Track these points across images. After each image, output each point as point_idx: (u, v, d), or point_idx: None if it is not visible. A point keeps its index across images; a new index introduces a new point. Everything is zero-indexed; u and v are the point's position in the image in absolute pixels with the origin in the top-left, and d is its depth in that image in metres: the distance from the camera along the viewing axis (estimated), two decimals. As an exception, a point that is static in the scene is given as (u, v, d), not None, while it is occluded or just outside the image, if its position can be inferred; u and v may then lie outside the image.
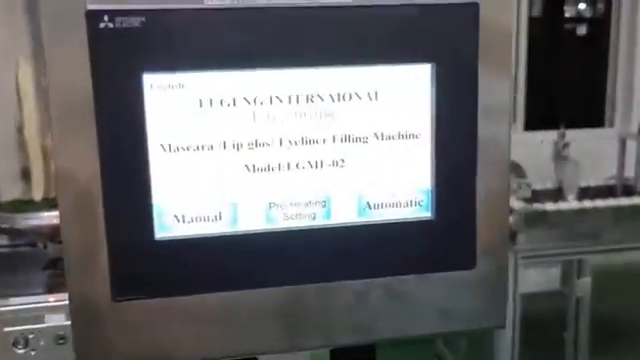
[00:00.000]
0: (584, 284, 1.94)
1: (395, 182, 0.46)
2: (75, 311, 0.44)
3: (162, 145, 0.43)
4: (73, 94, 0.42)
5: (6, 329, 0.71)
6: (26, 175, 0.73)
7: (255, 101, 0.44)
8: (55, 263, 0.82)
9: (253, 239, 0.45)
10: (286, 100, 0.44)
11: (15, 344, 0.71)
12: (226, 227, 0.44)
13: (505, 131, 0.47)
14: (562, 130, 2.17)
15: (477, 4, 0.45)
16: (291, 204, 0.45)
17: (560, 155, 2.18)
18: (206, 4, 0.42)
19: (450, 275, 0.47)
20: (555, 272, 1.95)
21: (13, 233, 0.80)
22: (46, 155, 0.73)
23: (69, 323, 0.73)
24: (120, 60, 0.42)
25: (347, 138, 0.45)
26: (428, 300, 0.47)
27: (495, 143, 0.47)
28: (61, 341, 0.72)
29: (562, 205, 2.01)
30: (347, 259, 0.46)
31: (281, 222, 0.45)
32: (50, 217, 0.76)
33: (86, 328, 0.44)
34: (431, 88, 0.45)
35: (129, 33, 0.41)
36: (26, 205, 0.75)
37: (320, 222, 0.45)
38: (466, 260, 0.47)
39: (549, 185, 2.19)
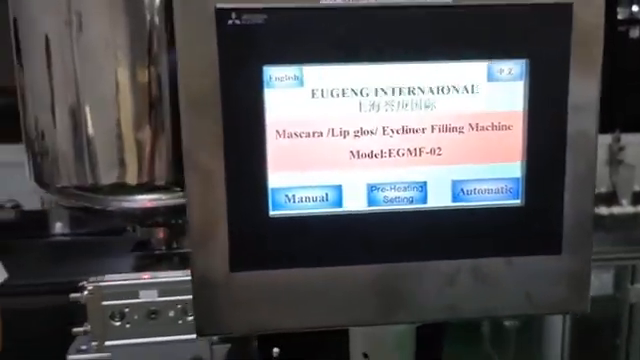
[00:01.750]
0: (638, 290, 1.91)
1: (487, 170, 0.49)
2: (197, 281, 0.48)
3: (277, 131, 0.47)
4: (201, 85, 0.47)
5: (104, 303, 0.76)
6: (122, 163, 0.79)
7: (362, 92, 0.48)
8: (144, 245, 0.88)
9: (355, 219, 0.49)
10: (390, 92, 0.48)
11: (112, 317, 0.77)
12: (331, 207, 0.48)
13: (592, 125, 0.50)
14: (617, 134, 2.15)
15: (571, 4, 0.48)
16: (391, 188, 0.49)
17: (615, 159, 2.16)
18: (321, 3, 0.46)
19: (536, 259, 0.50)
20: (608, 277, 1.94)
21: (107, 215, 0.87)
22: (139, 144, 0.78)
23: (161, 299, 0.78)
24: (244, 53, 0.46)
25: (444, 128, 0.49)
26: (514, 282, 0.51)
27: (583, 136, 0.50)
28: (153, 315, 0.77)
29: (616, 209, 1.99)
30: (440, 241, 0.50)
31: (381, 204, 0.49)
32: (142, 200, 0.81)
33: (206, 297, 0.49)
34: (525, 83, 0.48)
35: (253, 29, 0.45)
36: (121, 189, 0.80)
37: (416, 205, 0.49)
38: (552, 246, 0.50)
39: (603, 189, 2.18)
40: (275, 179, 0.48)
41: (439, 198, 0.49)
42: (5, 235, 2.15)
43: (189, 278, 0.77)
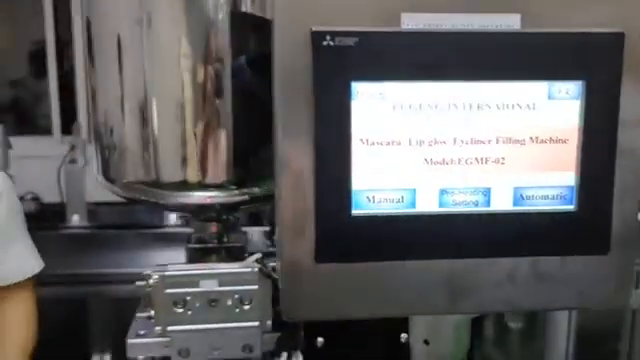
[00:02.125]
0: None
1: (545, 179, 0.55)
2: (285, 271, 0.54)
3: (361, 139, 0.53)
4: (295, 97, 0.53)
5: (167, 291, 0.82)
6: (185, 161, 0.85)
7: (436, 107, 0.54)
8: (198, 239, 0.94)
9: (427, 219, 0.55)
10: (461, 107, 0.54)
11: (175, 304, 0.83)
12: (406, 208, 0.55)
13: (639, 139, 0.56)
14: None
15: (622, 33, 0.54)
16: (459, 192, 0.55)
17: None
18: (403, 28, 0.52)
19: (587, 259, 0.56)
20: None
21: (167, 208, 0.93)
22: (201, 144, 0.84)
23: (221, 289, 0.84)
24: (335, 71, 0.52)
25: (508, 140, 0.55)
26: (566, 279, 0.57)
27: (631, 149, 0.56)
28: (213, 303, 0.83)
29: None
30: (501, 240, 0.56)
31: (450, 206, 0.55)
32: (199, 197, 0.87)
33: (293, 285, 0.55)
34: (581, 102, 0.54)
35: (344, 50, 0.51)
36: (181, 185, 0.86)
37: (481, 208, 0.55)
38: (601, 247, 0.56)
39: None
40: (358, 182, 0.54)
41: (501, 202, 0.55)
42: (24, 226, 2.18)
43: (247, 270, 0.84)
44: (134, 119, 0.85)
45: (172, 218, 2.86)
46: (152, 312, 0.85)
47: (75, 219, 2.84)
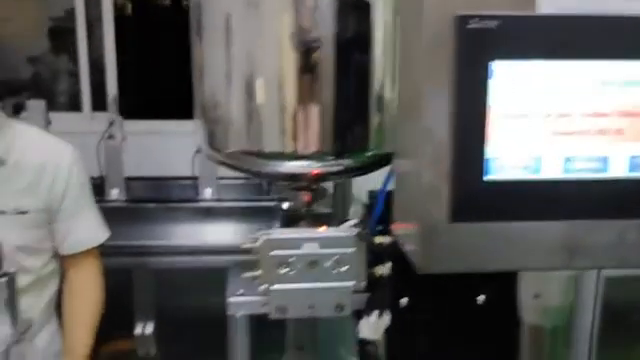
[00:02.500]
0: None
1: (659, 148, 0.62)
2: (422, 229, 0.61)
3: (496, 113, 0.60)
4: (438, 75, 0.59)
5: (273, 253, 0.90)
6: (285, 133, 0.91)
7: (565, 83, 0.60)
8: (290, 206, 1.01)
9: (551, 184, 0.61)
10: (588, 83, 0.60)
11: (279, 265, 0.90)
12: (533, 174, 0.61)
13: None
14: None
15: None
16: (581, 160, 0.61)
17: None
18: (538, 13, 0.58)
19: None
20: None
21: (266, 177, 1.00)
22: (301, 117, 0.90)
23: (321, 251, 0.91)
24: (476, 51, 0.58)
25: (628, 114, 0.61)
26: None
27: None
28: (313, 265, 0.90)
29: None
30: (616, 203, 0.62)
31: (573, 173, 0.61)
32: (297, 167, 0.94)
33: (429, 242, 0.62)
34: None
35: (485, 32, 0.57)
36: (281, 155, 0.93)
37: (600, 174, 0.62)
38: None
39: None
40: (491, 151, 0.60)
41: (618, 169, 0.62)
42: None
43: (346, 234, 0.91)
44: (239, 93, 0.91)
45: (207, 192, 2.94)
46: (256, 273, 0.92)
47: (114, 193, 2.92)
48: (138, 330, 2.53)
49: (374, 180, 0.99)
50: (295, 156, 0.93)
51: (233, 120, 0.93)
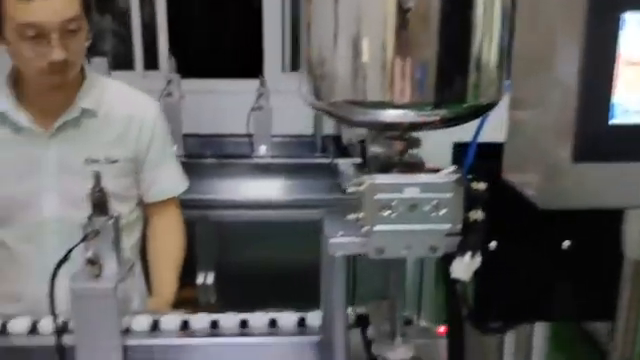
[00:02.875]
0: None
1: None
2: (544, 170, 0.67)
3: (624, 61, 0.64)
4: (569, 25, 0.63)
5: (377, 196, 0.96)
6: (387, 84, 0.96)
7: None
8: (382, 154, 1.06)
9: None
10: None
11: (381, 208, 0.97)
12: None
13: None
14: None
15: None
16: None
17: None
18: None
19: None
20: None
21: (366, 125, 1.05)
22: (403, 68, 0.95)
23: (422, 195, 0.97)
24: (609, 2, 0.63)
25: None
26: None
27: None
28: (413, 208, 0.97)
29: None
30: None
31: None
32: (397, 115, 0.99)
33: (550, 181, 0.67)
34: None
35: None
36: (382, 104, 0.98)
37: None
38: None
39: None
40: (616, 96, 0.65)
41: None
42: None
43: (446, 180, 0.97)
44: (346, 49, 0.96)
45: (262, 149, 3.02)
46: (359, 215, 0.99)
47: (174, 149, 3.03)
48: (200, 280, 2.65)
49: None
50: (394, 105, 0.98)
51: (338, 73, 0.98)
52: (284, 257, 2.65)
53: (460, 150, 1.08)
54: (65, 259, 1.15)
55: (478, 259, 0.99)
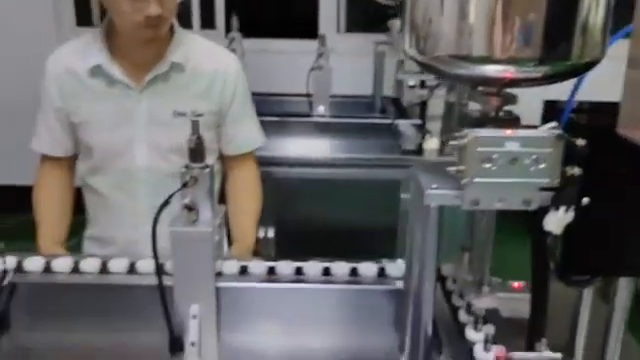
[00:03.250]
0: None
1: None
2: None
3: None
4: None
5: (479, 149, 0.99)
6: (490, 38, 0.99)
7: None
8: (478, 110, 1.09)
9: None
10: None
11: (482, 161, 1.00)
12: None
13: None
14: None
15: None
16: None
17: None
18: None
19: None
20: None
21: (469, 80, 1.08)
22: (504, 23, 0.97)
23: (522, 150, 1.00)
24: None
25: None
26: None
27: None
28: (513, 162, 1.00)
29: None
30: None
31: None
32: (498, 71, 1.01)
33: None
34: None
35: None
36: (484, 60, 1.01)
37: None
38: None
39: None
40: None
41: None
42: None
43: (546, 135, 0.99)
44: (452, 10, 0.99)
45: (321, 109, 3.06)
46: (458, 167, 1.03)
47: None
48: (261, 234, 2.74)
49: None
50: (497, 60, 1.01)
51: (443, 28, 1.01)
52: (343, 214, 2.72)
53: (551, 108, 1.10)
54: (166, 203, 1.22)
55: (571, 213, 1.03)
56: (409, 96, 2.74)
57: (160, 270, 1.26)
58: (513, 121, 1.09)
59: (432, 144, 2.59)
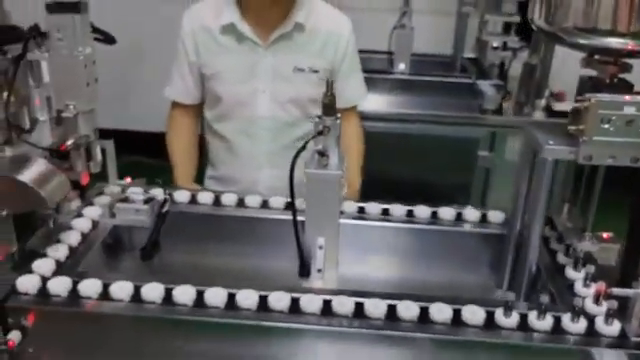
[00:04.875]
0: None
1: None
2: None
3: None
4: None
5: (600, 111, 1.13)
6: (616, 13, 1.11)
7: None
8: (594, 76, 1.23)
9: None
10: None
11: (602, 121, 1.14)
12: None
13: None
14: None
15: None
16: None
17: None
18: None
19: None
20: None
21: (584, 48, 1.21)
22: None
23: (638, 113, 1.13)
24: None
25: None
26: None
27: None
28: (630, 123, 1.14)
29: None
30: None
31: None
32: (622, 43, 1.14)
33: None
34: None
35: None
36: (611, 33, 1.14)
37: None
38: None
39: None
40: None
41: None
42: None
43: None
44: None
45: (401, 67, 3.19)
46: (578, 127, 1.18)
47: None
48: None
49: None
50: (619, 34, 1.14)
51: (572, 4, 1.14)
52: (421, 168, 2.86)
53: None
54: (303, 148, 1.40)
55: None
56: (492, 57, 2.84)
57: (294, 205, 1.46)
58: (628, 87, 1.22)
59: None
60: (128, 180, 1.60)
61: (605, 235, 1.62)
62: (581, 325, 1.13)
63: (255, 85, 1.81)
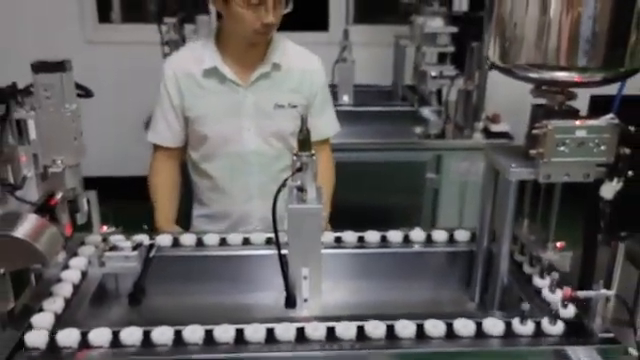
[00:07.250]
0: None
1: None
2: None
3: None
4: None
5: (556, 136, 1.28)
6: (571, 49, 1.27)
7: None
8: (543, 104, 1.39)
9: None
10: None
11: (557, 144, 1.29)
12: None
13: None
14: None
15: None
16: None
17: None
18: None
19: None
20: None
21: (541, 82, 1.37)
22: (572, 36, 1.26)
23: (588, 135, 1.30)
24: None
25: None
26: None
27: None
28: (581, 145, 1.29)
29: None
30: None
31: None
32: (570, 76, 1.30)
33: None
34: None
35: None
36: (554, 67, 1.30)
37: None
38: None
39: None
40: None
41: None
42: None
43: (607, 124, 1.29)
44: (536, 13, 1.27)
45: (345, 98, 3.33)
46: (538, 150, 1.33)
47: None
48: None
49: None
50: (567, 68, 1.31)
51: (527, 37, 1.30)
52: (371, 194, 2.99)
53: (597, 102, 1.40)
54: (284, 185, 1.48)
55: (621, 183, 1.33)
56: (431, 85, 3.03)
57: (278, 240, 1.53)
58: (574, 113, 1.39)
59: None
60: (104, 229, 1.62)
61: (559, 244, 1.79)
62: (558, 327, 1.26)
63: (240, 123, 1.91)
